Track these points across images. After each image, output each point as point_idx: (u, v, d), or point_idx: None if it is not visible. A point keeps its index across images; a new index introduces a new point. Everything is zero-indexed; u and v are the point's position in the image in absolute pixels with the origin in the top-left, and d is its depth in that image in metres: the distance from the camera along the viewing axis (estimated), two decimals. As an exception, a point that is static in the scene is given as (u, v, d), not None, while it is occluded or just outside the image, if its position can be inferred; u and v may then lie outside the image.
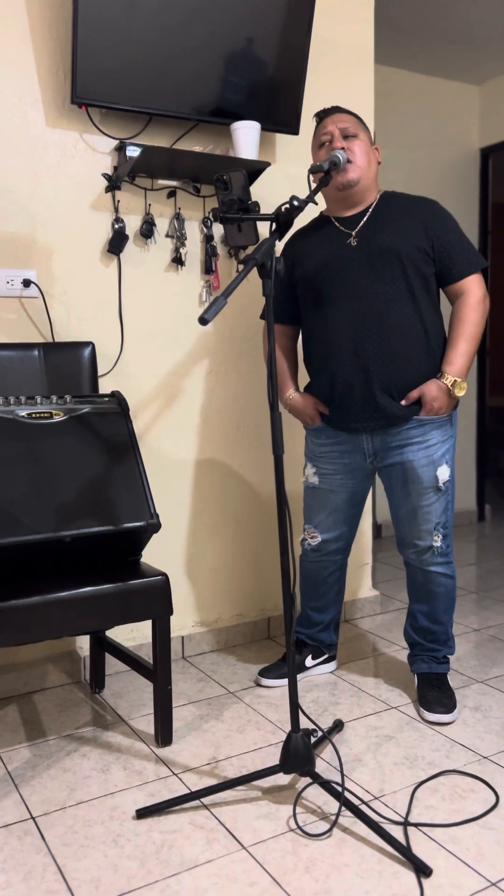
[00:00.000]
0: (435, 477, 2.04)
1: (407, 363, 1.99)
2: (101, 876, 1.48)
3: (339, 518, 2.21)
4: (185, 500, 2.52)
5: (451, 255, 1.99)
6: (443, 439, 2.05)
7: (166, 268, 2.42)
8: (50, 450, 1.87)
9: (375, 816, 1.64)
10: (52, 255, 2.25)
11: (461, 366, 1.99)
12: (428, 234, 1.98)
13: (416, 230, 1.98)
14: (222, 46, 2.26)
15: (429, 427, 2.03)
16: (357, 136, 2.00)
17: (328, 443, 2.16)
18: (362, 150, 2.00)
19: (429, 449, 2.03)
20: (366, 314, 1.99)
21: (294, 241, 2.17)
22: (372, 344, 1.99)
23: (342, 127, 2.00)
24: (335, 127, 2.00)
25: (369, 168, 2.01)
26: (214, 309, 1.49)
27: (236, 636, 2.63)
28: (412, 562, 2.13)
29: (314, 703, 2.18)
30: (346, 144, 1.99)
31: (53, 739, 2.00)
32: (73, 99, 2.13)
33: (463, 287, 2.01)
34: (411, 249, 1.97)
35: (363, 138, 2.02)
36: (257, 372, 2.62)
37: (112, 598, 1.83)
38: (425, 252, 1.98)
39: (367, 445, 2.09)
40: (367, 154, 2.01)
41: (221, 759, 1.88)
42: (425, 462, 2.03)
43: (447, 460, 2.06)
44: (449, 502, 2.08)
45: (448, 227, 2.00)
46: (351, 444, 2.12)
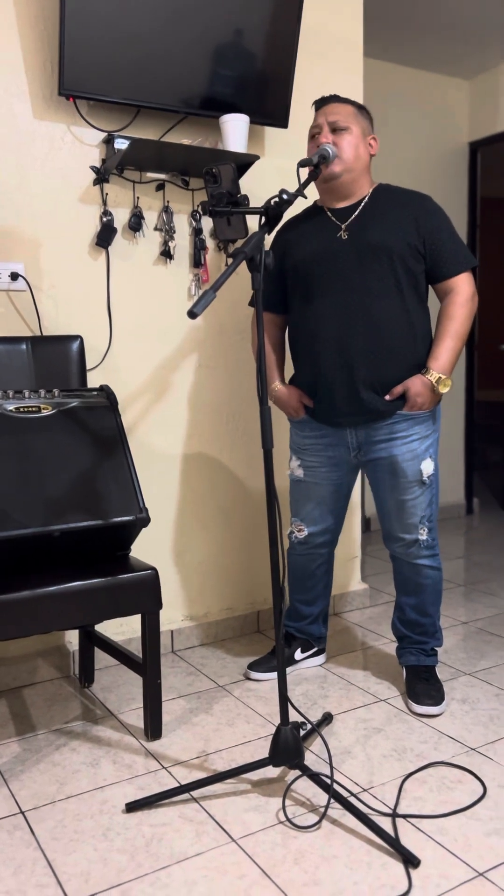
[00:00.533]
0: (419, 471, 2.04)
1: (391, 359, 1.99)
2: (91, 869, 1.48)
3: (324, 511, 2.21)
4: (174, 494, 2.52)
5: (442, 253, 1.99)
6: (426, 434, 2.05)
7: (155, 261, 2.42)
8: (38, 444, 1.86)
9: (364, 808, 1.65)
10: (40, 248, 2.23)
11: (446, 362, 1.99)
12: (419, 231, 1.98)
13: (408, 226, 1.97)
14: (211, 38, 2.25)
15: (412, 422, 2.03)
16: (347, 129, 1.98)
17: (312, 435, 2.16)
18: (350, 144, 1.98)
19: (412, 443, 2.04)
20: (352, 309, 1.99)
21: (286, 230, 2.16)
22: (357, 339, 1.99)
23: (332, 120, 1.98)
24: (325, 119, 1.99)
25: (357, 161, 1.99)
26: (203, 303, 1.49)
27: (226, 630, 2.63)
28: (399, 555, 2.14)
29: (303, 696, 2.19)
30: (333, 138, 1.98)
31: (43, 734, 1.99)
32: (60, 90, 2.11)
33: (452, 285, 2.01)
34: (401, 246, 1.96)
35: (355, 131, 1.99)
36: (246, 366, 2.62)
37: (101, 593, 1.83)
38: (415, 249, 1.98)
39: (350, 439, 2.10)
40: (356, 147, 1.99)
41: (211, 753, 1.89)
42: (409, 456, 2.04)
43: (431, 454, 2.06)
44: (433, 496, 2.09)
45: (440, 224, 1.99)
46: (335, 437, 2.12)
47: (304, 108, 2.63)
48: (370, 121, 2.06)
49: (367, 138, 2.04)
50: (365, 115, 2.05)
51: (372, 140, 2.05)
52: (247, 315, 2.60)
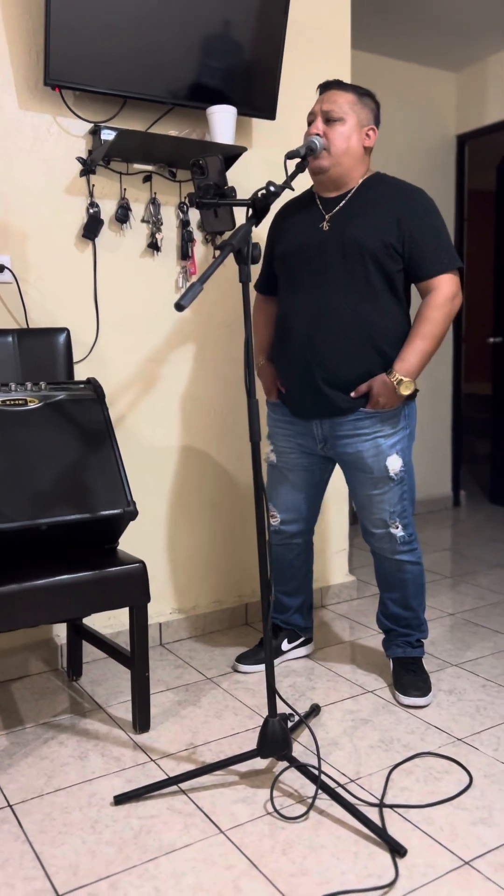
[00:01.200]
0: (385, 467, 2.04)
1: (351, 358, 1.98)
2: (80, 862, 1.48)
3: (297, 497, 2.22)
4: (161, 487, 2.52)
5: (423, 252, 1.94)
6: (392, 431, 2.03)
7: (142, 253, 2.40)
8: (25, 437, 1.85)
9: (351, 799, 1.66)
10: (26, 239, 2.22)
11: (412, 364, 1.95)
12: (400, 229, 1.93)
13: (388, 223, 1.93)
14: (199, 29, 2.24)
15: (376, 419, 2.02)
16: (341, 119, 1.93)
17: (283, 421, 2.18)
18: (342, 137, 1.94)
19: (377, 440, 2.03)
20: (323, 304, 1.98)
21: (281, 217, 2.16)
22: (323, 335, 1.99)
23: (326, 109, 1.94)
24: (320, 108, 1.96)
25: (346, 155, 1.95)
26: (191, 295, 1.48)
27: (214, 623, 2.64)
28: (377, 551, 2.15)
29: (291, 687, 2.20)
30: (324, 129, 1.95)
31: (31, 727, 1.99)
32: (46, 80, 2.10)
33: (431, 285, 1.96)
34: (376, 244, 1.92)
35: (350, 122, 1.94)
36: (235, 358, 2.61)
37: (89, 586, 1.83)
38: (391, 247, 1.93)
39: (316, 431, 2.11)
40: (348, 139, 1.94)
41: (199, 745, 1.89)
42: (374, 452, 2.03)
43: (398, 450, 2.04)
44: (405, 492, 2.08)
45: (425, 221, 1.94)
46: (302, 426, 2.13)
47: (291, 99, 2.62)
48: (374, 109, 1.99)
49: (363, 129, 1.97)
50: (367, 104, 1.97)
51: (369, 131, 1.98)
52: (234, 307, 2.60)
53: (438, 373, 4.36)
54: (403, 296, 2.04)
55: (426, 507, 4.41)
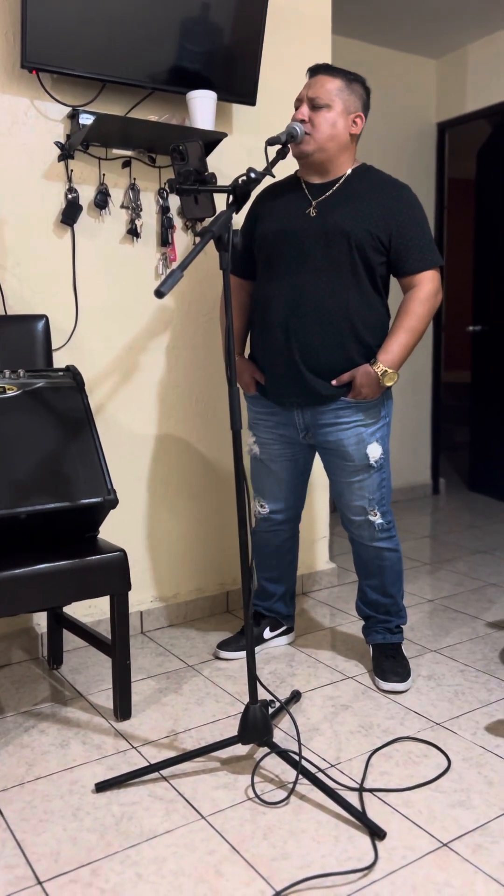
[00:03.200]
0: (365, 455, 2.05)
1: (333, 346, 1.99)
2: (61, 849, 1.48)
3: (283, 487, 2.23)
4: (142, 475, 2.51)
5: (408, 248, 1.96)
6: (371, 420, 2.05)
7: (121, 239, 2.38)
8: (3, 425, 1.84)
9: (332, 783, 1.68)
10: (4, 225, 2.19)
11: (395, 356, 1.97)
12: (387, 223, 1.94)
13: (376, 216, 1.94)
14: (178, 12, 2.21)
15: (357, 409, 2.04)
16: (327, 106, 1.92)
17: (264, 412, 2.17)
18: (326, 123, 1.93)
19: (357, 428, 2.04)
20: (304, 289, 1.98)
21: (263, 199, 2.13)
22: (302, 321, 1.99)
23: (312, 96, 1.93)
24: (307, 93, 1.94)
25: (331, 141, 1.94)
26: (171, 282, 1.47)
27: (195, 610, 2.64)
28: (356, 538, 2.17)
29: (272, 674, 2.21)
30: (310, 115, 1.94)
31: (11, 716, 1.99)
32: (23, 63, 2.06)
33: (415, 281, 1.98)
34: (363, 234, 1.93)
35: (336, 108, 1.93)
36: (215, 346, 2.61)
37: (69, 575, 1.82)
38: (378, 239, 1.95)
39: (298, 420, 2.11)
40: (332, 126, 1.93)
41: (180, 732, 1.90)
42: (354, 440, 2.05)
43: (378, 438, 2.07)
44: (384, 479, 2.10)
45: (411, 218, 1.95)
46: (284, 416, 2.13)
47: (272, 85, 2.60)
48: (361, 96, 1.98)
49: (350, 116, 1.96)
50: (355, 90, 1.96)
51: (356, 118, 1.97)
52: (215, 295, 2.59)
53: (418, 361, 4.38)
54: (383, 288, 2.05)
55: (405, 494, 4.44)
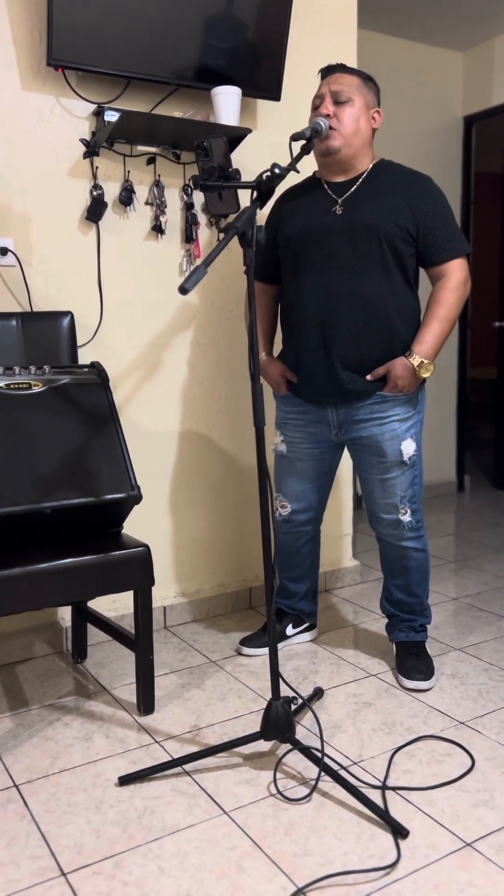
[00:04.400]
0: (399, 451, 2.04)
1: (371, 340, 1.98)
2: (85, 841, 1.50)
3: (307, 487, 2.22)
4: (165, 471, 2.52)
5: (435, 238, 1.96)
6: (407, 415, 2.05)
7: (146, 236, 2.39)
8: (29, 421, 1.85)
9: (354, 781, 1.67)
10: (30, 222, 2.20)
11: (430, 347, 1.97)
12: (413, 213, 1.95)
13: (401, 207, 1.94)
14: (203, 8, 2.21)
15: (392, 403, 2.03)
16: (350, 101, 1.93)
17: (295, 411, 2.16)
18: (351, 117, 1.94)
19: (393, 424, 2.03)
20: (336, 287, 1.98)
21: (283, 201, 2.13)
22: (337, 317, 1.98)
23: (335, 90, 1.94)
24: (328, 89, 1.95)
25: (356, 135, 1.95)
26: (195, 278, 1.47)
27: (217, 606, 2.65)
28: (384, 537, 2.15)
29: (294, 671, 2.21)
30: (334, 110, 1.94)
31: (36, 709, 2.01)
32: (48, 61, 2.07)
33: (443, 270, 1.98)
34: (391, 227, 1.93)
35: (358, 103, 1.95)
36: (238, 343, 2.60)
37: (93, 570, 1.83)
38: (406, 231, 1.95)
39: (331, 418, 2.10)
40: (357, 120, 1.95)
41: (203, 727, 1.91)
42: (389, 436, 2.04)
43: (412, 435, 2.06)
44: (416, 477, 2.09)
45: (436, 208, 1.96)
46: (316, 414, 2.12)
47: (297, 80, 2.59)
48: (376, 93, 2.01)
49: (370, 111, 1.99)
50: (371, 87, 1.99)
51: (375, 114, 2.00)
52: (239, 291, 2.59)
53: (443, 357, 4.34)
54: (413, 279, 2.04)
55: (430, 491, 4.40)
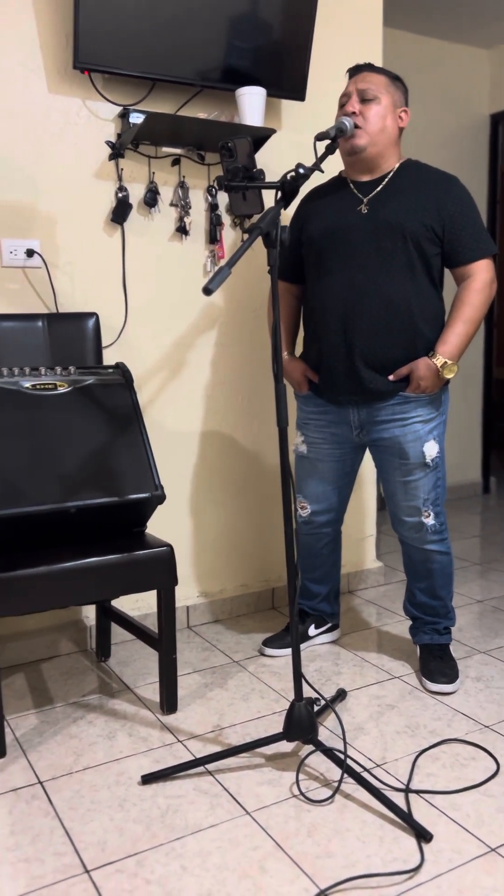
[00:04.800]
0: (422, 453, 2.02)
1: (394, 340, 1.97)
2: (108, 839, 1.51)
3: (327, 488, 2.21)
4: (189, 471, 2.53)
5: (461, 238, 1.95)
6: (430, 417, 2.03)
7: (170, 237, 2.40)
8: (54, 421, 1.87)
9: (377, 783, 1.67)
10: (56, 224, 2.22)
11: (454, 347, 1.96)
12: (440, 213, 1.93)
13: (428, 207, 1.93)
14: (227, 10, 2.21)
15: (415, 404, 2.01)
16: (377, 99, 1.93)
17: (316, 411, 2.16)
18: (377, 116, 1.93)
19: (415, 425, 2.02)
20: (359, 286, 1.97)
21: (308, 201, 2.13)
22: (360, 317, 1.97)
23: (362, 88, 1.94)
24: (355, 87, 1.95)
25: (382, 134, 1.95)
26: (219, 279, 1.48)
27: (240, 606, 2.65)
28: (407, 540, 2.14)
29: (317, 672, 2.20)
30: (360, 108, 1.94)
31: (60, 707, 2.02)
32: (75, 64, 2.09)
33: (469, 270, 1.97)
34: (417, 226, 1.92)
35: (385, 102, 1.94)
36: (262, 343, 2.60)
37: (117, 569, 1.84)
38: (432, 230, 1.94)
39: (353, 418, 2.09)
40: (383, 119, 1.94)
41: (225, 727, 1.91)
42: (412, 438, 2.02)
43: (435, 436, 2.04)
44: (439, 479, 2.07)
45: (463, 208, 1.94)
46: (337, 415, 2.11)
47: (321, 80, 2.58)
48: (404, 93, 2.01)
49: (397, 110, 1.98)
50: (398, 87, 1.99)
51: (402, 113, 1.99)
52: (262, 291, 2.59)
53: (469, 358, 4.31)
54: (438, 280, 2.02)
55: (455, 493, 4.37)
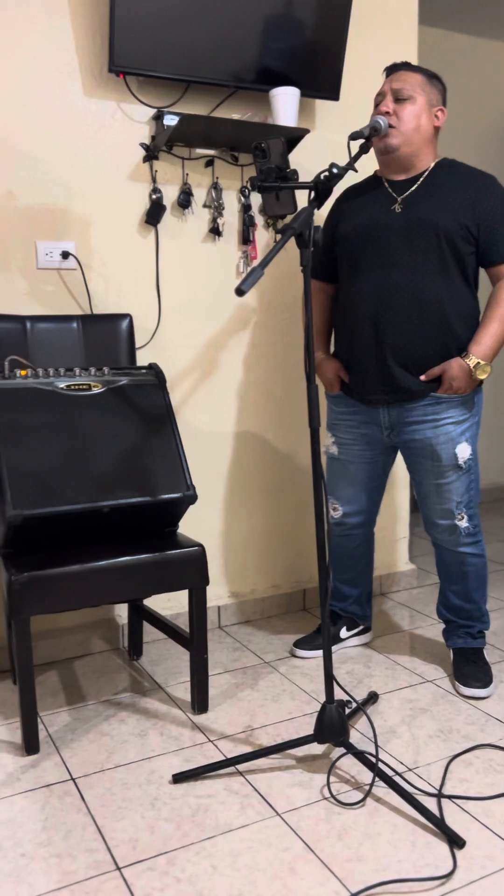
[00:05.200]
0: (454, 455, 2.00)
1: (424, 339, 1.95)
2: (139, 836, 1.51)
3: (358, 490, 2.19)
4: (221, 471, 2.53)
5: (496, 237, 1.92)
6: (462, 418, 2.00)
7: (204, 238, 2.41)
8: (88, 421, 1.89)
9: (409, 788, 1.65)
10: (90, 226, 2.25)
11: (488, 347, 1.94)
12: (475, 212, 1.91)
13: (463, 206, 1.91)
14: (261, 10, 2.21)
15: (447, 405, 1.99)
16: (412, 98, 1.92)
17: (346, 411, 2.15)
18: (411, 115, 1.92)
19: (447, 426, 2.00)
20: (392, 284, 1.96)
21: (343, 199, 2.13)
22: (392, 315, 1.96)
23: (397, 88, 1.93)
24: (389, 87, 1.94)
25: (416, 133, 1.93)
26: (251, 280, 1.48)
27: (271, 607, 2.65)
28: (440, 542, 2.11)
29: (349, 674, 2.19)
30: (394, 108, 1.93)
31: (92, 704, 2.04)
32: (110, 67, 2.11)
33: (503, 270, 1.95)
34: (451, 225, 1.91)
35: (420, 101, 1.93)
36: (294, 344, 2.60)
37: (149, 568, 1.85)
38: (467, 229, 1.92)
39: (383, 418, 2.07)
40: (417, 118, 1.93)
41: (256, 728, 1.91)
42: (444, 439, 2.00)
43: (467, 438, 2.01)
44: (472, 482, 2.04)
45: (499, 207, 1.92)
46: (367, 415, 2.10)
47: (356, 79, 2.57)
48: (441, 91, 1.99)
49: (432, 109, 1.96)
50: (435, 86, 1.97)
51: (438, 112, 1.97)
52: (295, 292, 2.58)
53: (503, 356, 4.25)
54: (473, 280, 2.00)
55: (490, 495, 4.31)
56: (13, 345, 2.05)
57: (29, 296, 2.19)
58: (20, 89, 2.12)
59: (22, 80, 2.11)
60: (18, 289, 2.18)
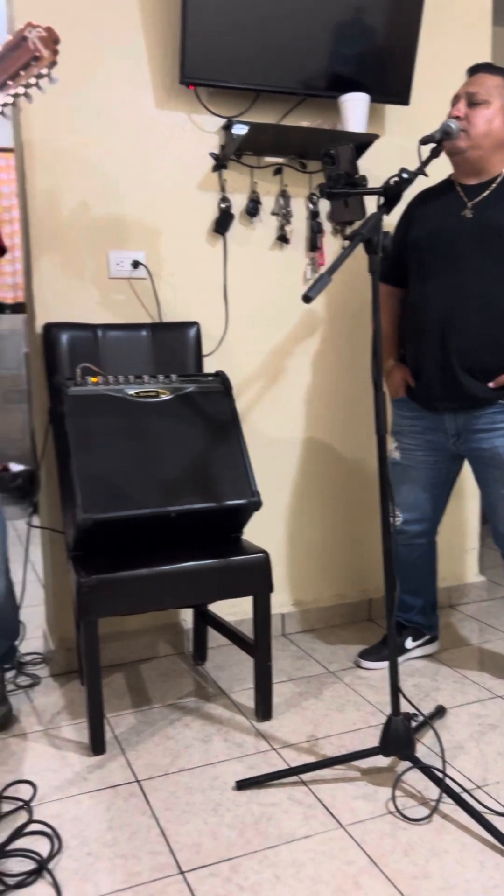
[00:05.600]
0: None
1: (494, 345, 1.91)
2: (202, 842, 1.52)
3: (420, 496, 2.15)
4: (286, 478, 2.53)
5: None
6: None
7: (271, 246, 2.42)
8: (156, 427, 1.92)
9: (477, 805, 1.61)
10: (160, 236, 2.28)
11: None
12: None
13: None
14: (330, 17, 2.21)
15: None
16: (486, 102, 1.89)
17: (410, 416, 2.11)
18: (483, 119, 1.89)
19: None
20: (462, 291, 1.92)
21: (416, 203, 2.11)
22: (460, 320, 1.92)
23: (471, 91, 1.90)
24: (465, 90, 1.92)
25: (487, 138, 1.90)
26: (318, 287, 1.47)
27: (336, 616, 2.62)
28: None
29: (415, 687, 2.15)
30: (466, 112, 1.90)
31: (157, 707, 2.06)
32: (181, 79, 2.14)
33: None
34: None
35: (495, 105, 1.90)
36: (361, 350, 2.58)
37: (214, 574, 1.86)
38: None
39: (449, 425, 2.03)
40: (489, 122, 1.89)
41: (320, 738, 1.89)
42: None
43: None
44: None
45: None
46: (433, 421, 2.06)
47: (426, 84, 2.53)
48: None
49: None
50: None
51: None
52: (362, 298, 2.56)
53: None
54: None
55: None
56: (85, 352, 2.10)
57: (101, 304, 2.24)
58: (94, 103, 2.17)
59: (96, 94, 2.17)
60: (91, 298, 2.23)
